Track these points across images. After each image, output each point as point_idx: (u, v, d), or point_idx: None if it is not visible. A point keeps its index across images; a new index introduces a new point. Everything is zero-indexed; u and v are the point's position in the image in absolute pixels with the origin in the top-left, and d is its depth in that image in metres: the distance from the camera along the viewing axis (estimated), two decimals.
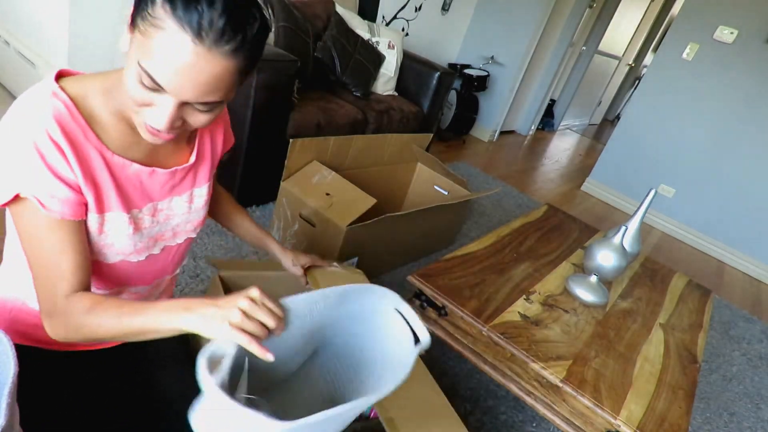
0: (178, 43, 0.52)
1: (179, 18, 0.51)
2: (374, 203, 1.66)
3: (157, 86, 0.55)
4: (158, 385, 0.84)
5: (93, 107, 0.61)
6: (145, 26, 0.53)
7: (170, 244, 0.78)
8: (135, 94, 0.56)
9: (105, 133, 0.62)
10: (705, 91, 3.32)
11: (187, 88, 0.55)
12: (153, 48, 0.53)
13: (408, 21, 3.48)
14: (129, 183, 0.66)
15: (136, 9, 0.55)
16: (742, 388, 1.99)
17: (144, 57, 0.54)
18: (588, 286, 1.43)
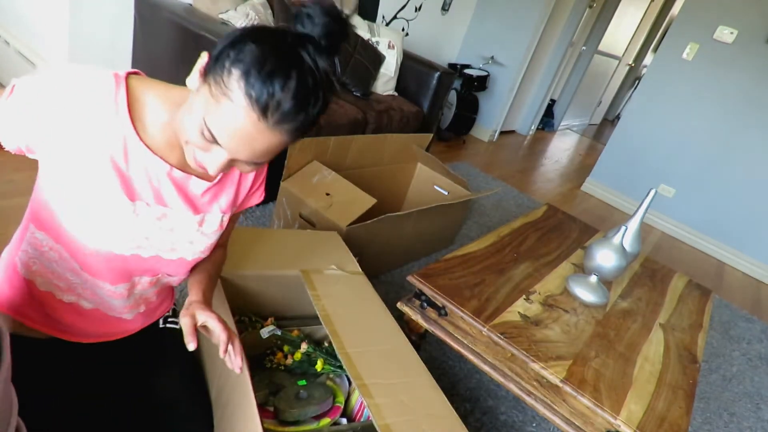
0: (243, 117, 0.56)
1: (250, 96, 0.55)
2: (374, 203, 1.66)
3: (215, 142, 0.59)
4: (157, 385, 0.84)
5: (145, 104, 0.65)
6: (217, 90, 0.56)
7: (162, 256, 0.75)
8: (192, 138, 0.60)
9: (143, 128, 0.65)
10: (705, 91, 3.32)
11: (242, 152, 0.59)
12: (220, 112, 0.57)
13: (408, 21, 3.47)
14: (141, 173, 0.67)
15: (211, 65, 0.58)
16: (742, 388, 1.99)
17: (209, 115, 0.58)
18: (588, 286, 1.43)
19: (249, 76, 0.55)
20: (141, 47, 2.09)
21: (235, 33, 0.58)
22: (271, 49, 0.56)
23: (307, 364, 1.09)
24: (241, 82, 0.55)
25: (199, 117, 0.58)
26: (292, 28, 0.59)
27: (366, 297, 1.17)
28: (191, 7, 2.05)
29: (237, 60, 0.55)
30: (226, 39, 0.58)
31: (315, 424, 0.98)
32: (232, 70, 0.55)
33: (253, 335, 1.08)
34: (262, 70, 0.55)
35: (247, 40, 0.56)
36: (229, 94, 0.56)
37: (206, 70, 0.59)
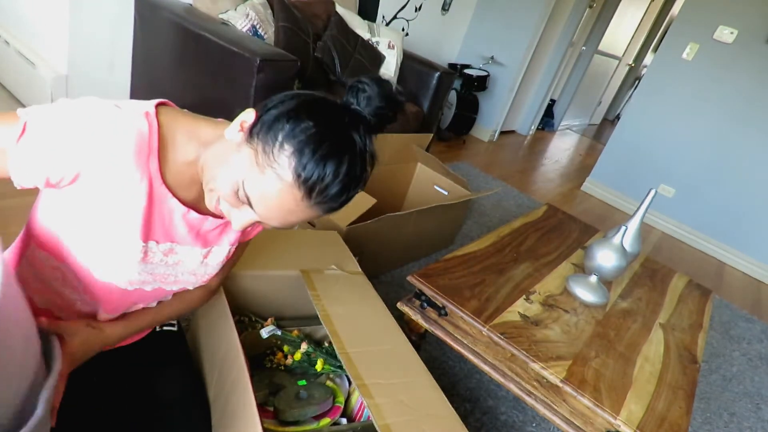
0: (287, 193, 0.56)
1: (299, 176, 0.55)
2: (374, 203, 1.66)
3: (248, 205, 0.59)
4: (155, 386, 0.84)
5: (174, 140, 0.63)
6: (264, 160, 0.56)
7: (164, 288, 0.75)
8: (224, 192, 0.60)
9: (167, 166, 0.63)
10: (705, 91, 3.32)
11: (274, 220, 0.60)
12: (263, 182, 0.56)
13: (408, 21, 3.48)
14: (160, 215, 0.66)
15: (260, 129, 0.57)
16: (742, 388, 1.99)
17: (250, 181, 0.57)
18: (588, 286, 1.42)
19: (302, 156, 0.54)
20: (141, 47, 2.09)
21: (292, 102, 0.58)
22: (327, 129, 0.56)
23: (307, 364, 1.09)
24: (292, 160, 0.55)
25: (237, 176, 0.58)
26: (347, 103, 0.60)
27: (366, 297, 1.17)
28: (191, 7, 2.05)
29: (291, 135, 0.55)
30: (281, 105, 0.58)
31: (315, 424, 0.98)
32: (285, 146, 0.55)
33: (253, 335, 1.08)
34: (317, 153, 0.54)
35: (303, 114, 0.56)
36: (277, 169, 0.55)
37: (252, 131, 0.58)
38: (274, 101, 0.59)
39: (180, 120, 0.64)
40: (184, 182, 0.66)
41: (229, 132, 0.60)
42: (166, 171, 0.63)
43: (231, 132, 0.60)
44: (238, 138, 0.60)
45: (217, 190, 0.61)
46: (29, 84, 2.11)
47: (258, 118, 0.59)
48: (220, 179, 0.60)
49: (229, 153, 0.60)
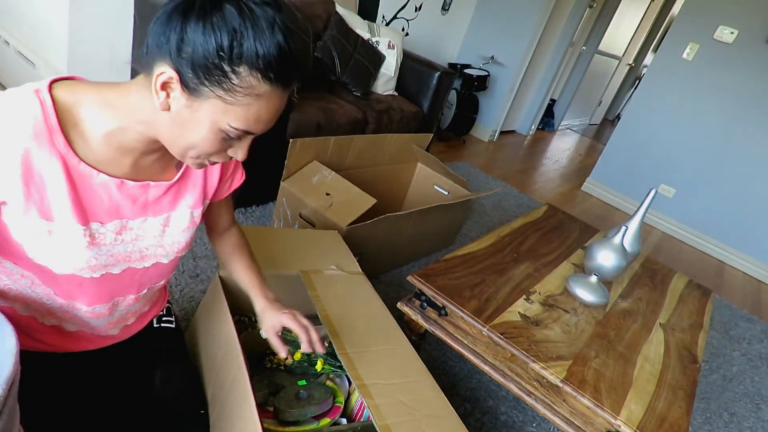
0: (274, 99, 0.57)
1: (273, 82, 0.55)
2: (374, 203, 1.66)
3: (245, 135, 0.60)
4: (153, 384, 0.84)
5: (79, 116, 0.58)
6: (234, 96, 0.55)
7: (135, 267, 0.73)
8: (209, 148, 0.59)
9: (83, 142, 0.59)
10: (705, 91, 3.32)
11: (269, 125, 0.61)
12: (249, 110, 0.56)
13: (408, 21, 3.47)
14: (93, 194, 0.63)
15: (196, 78, 0.54)
16: (742, 388, 1.99)
17: (234, 119, 0.56)
18: (588, 286, 1.42)
19: (260, 63, 0.53)
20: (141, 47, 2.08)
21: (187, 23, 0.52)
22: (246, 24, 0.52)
23: (307, 364, 1.08)
24: (258, 75, 0.54)
25: (215, 128, 0.57)
26: None
27: (366, 297, 1.17)
28: None
29: (234, 57, 0.53)
30: (189, 39, 0.52)
31: (315, 424, 0.98)
32: (236, 70, 0.53)
33: (253, 335, 1.08)
34: (267, 55, 0.53)
35: (216, 29, 0.52)
36: (253, 92, 0.55)
37: (189, 86, 0.55)
38: (165, 37, 0.54)
39: (79, 91, 0.59)
40: (110, 155, 0.62)
41: (159, 103, 0.56)
42: (81, 147, 0.59)
43: (159, 102, 0.56)
44: (177, 102, 0.56)
45: (203, 152, 0.60)
46: None
47: (179, 69, 0.54)
48: (198, 143, 0.58)
49: (181, 117, 0.57)
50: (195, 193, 0.75)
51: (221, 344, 0.93)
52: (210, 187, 0.78)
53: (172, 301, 1.41)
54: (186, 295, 1.46)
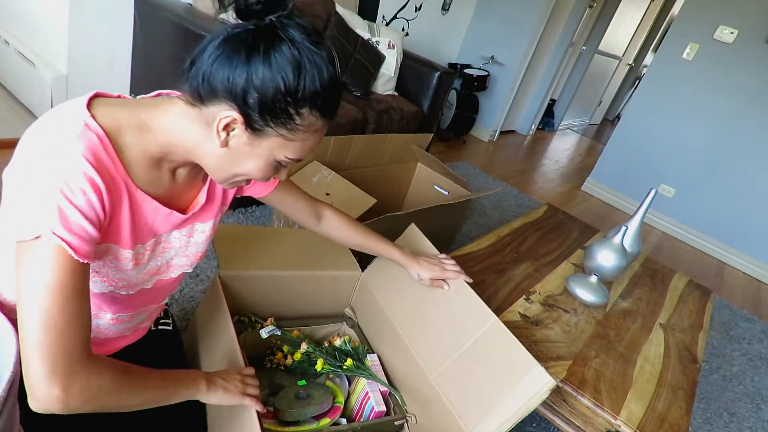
0: (324, 130, 0.63)
1: (327, 116, 0.61)
2: (374, 203, 1.66)
3: (295, 162, 0.65)
4: None
5: (124, 142, 0.58)
6: (295, 134, 0.59)
7: (163, 278, 0.75)
8: (261, 175, 0.64)
9: (131, 167, 0.60)
10: (705, 91, 3.32)
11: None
12: (304, 144, 0.61)
13: (408, 21, 3.48)
14: (143, 219, 0.64)
15: (261, 118, 0.57)
16: (742, 388, 1.99)
17: (289, 151, 0.61)
18: (588, 286, 1.42)
19: (318, 106, 0.58)
20: (141, 47, 2.09)
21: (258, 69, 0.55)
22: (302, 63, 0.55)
23: (307, 364, 1.08)
24: (316, 113, 0.59)
25: (269, 159, 0.61)
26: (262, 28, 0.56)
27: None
28: (191, 7, 2.05)
29: (300, 102, 0.57)
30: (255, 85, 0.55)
31: (315, 424, 0.98)
32: (300, 112, 0.58)
33: (253, 335, 1.08)
34: (323, 93, 0.58)
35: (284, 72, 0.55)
36: (311, 128, 0.60)
37: (254, 127, 0.57)
38: (229, 81, 0.55)
39: (118, 116, 0.59)
40: (152, 177, 0.63)
41: (219, 142, 0.59)
42: (132, 172, 0.60)
43: (220, 141, 0.59)
44: (237, 140, 0.59)
45: (250, 178, 0.65)
46: (29, 84, 2.11)
47: (246, 113, 0.56)
48: (250, 172, 0.63)
49: (238, 152, 0.60)
50: (216, 206, 0.77)
51: (221, 344, 0.93)
52: (226, 198, 0.80)
53: (172, 301, 1.41)
54: (186, 295, 1.46)
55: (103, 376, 0.54)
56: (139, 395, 0.60)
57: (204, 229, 0.76)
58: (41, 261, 0.51)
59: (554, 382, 0.82)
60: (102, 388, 0.54)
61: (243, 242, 1.17)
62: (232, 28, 0.57)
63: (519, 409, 0.83)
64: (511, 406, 0.84)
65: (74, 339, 0.52)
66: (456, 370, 0.95)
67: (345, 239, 1.03)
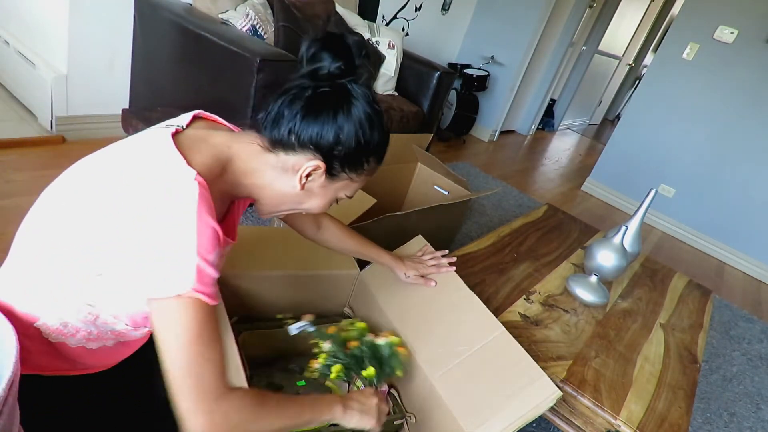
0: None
1: (381, 162, 0.75)
2: (374, 203, 1.66)
3: None
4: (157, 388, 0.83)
5: (213, 190, 0.63)
6: (358, 176, 0.72)
7: None
8: (321, 210, 0.75)
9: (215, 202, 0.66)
10: (705, 91, 3.32)
11: None
12: (362, 185, 0.75)
13: (408, 21, 3.48)
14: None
15: (341, 168, 0.69)
16: (742, 388, 1.99)
17: (348, 190, 0.74)
18: (588, 286, 1.42)
19: (379, 154, 0.73)
20: (141, 47, 2.09)
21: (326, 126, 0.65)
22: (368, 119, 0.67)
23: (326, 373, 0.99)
24: (375, 161, 0.73)
25: (332, 198, 0.73)
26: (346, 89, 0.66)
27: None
28: (191, 7, 2.05)
29: (370, 151, 0.69)
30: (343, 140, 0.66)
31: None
32: (370, 160, 0.71)
33: (254, 335, 1.08)
34: (382, 144, 0.72)
35: (361, 130, 0.66)
36: (370, 172, 0.73)
37: (331, 173, 0.68)
38: (319, 136, 0.65)
39: (210, 166, 0.64)
40: (217, 210, 0.66)
41: (299, 186, 0.68)
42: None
43: (300, 185, 0.68)
44: (313, 183, 0.69)
45: (306, 212, 0.75)
46: (29, 84, 2.11)
47: (329, 162, 0.67)
48: (312, 208, 0.74)
49: (310, 192, 0.71)
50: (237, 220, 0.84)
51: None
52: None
53: None
54: None
55: (242, 410, 0.60)
56: (276, 422, 0.64)
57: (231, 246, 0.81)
58: (183, 315, 0.57)
59: (560, 393, 0.82)
60: (241, 419, 0.60)
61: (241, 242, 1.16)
62: (311, 89, 0.65)
63: (522, 417, 0.83)
64: (514, 413, 0.84)
65: (212, 378, 0.58)
66: (458, 373, 0.95)
67: (342, 246, 1.07)
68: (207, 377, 0.57)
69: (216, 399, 0.58)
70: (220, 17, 2.01)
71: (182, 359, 0.57)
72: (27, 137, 2.00)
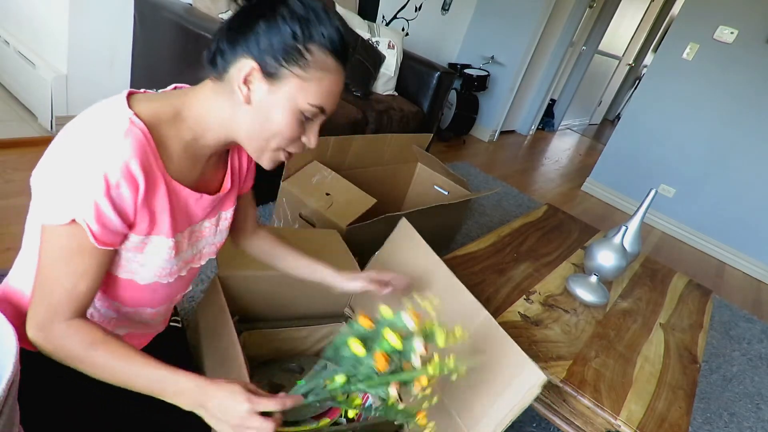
0: (339, 75, 0.64)
1: (337, 57, 0.63)
2: (374, 203, 1.66)
3: (321, 114, 0.65)
4: None
5: (162, 135, 0.62)
6: (308, 73, 0.61)
7: (195, 266, 0.79)
8: (291, 132, 0.64)
9: (169, 159, 0.63)
10: (705, 91, 3.32)
11: (336, 102, 0.66)
12: (322, 86, 0.62)
13: (408, 21, 3.48)
14: (180, 208, 0.67)
15: (277, 62, 0.60)
16: (742, 388, 1.99)
17: (310, 96, 0.62)
18: (588, 286, 1.42)
19: (324, 43, 0.61)
20: (141, 47, 2.08)
21: (250, 27, 0.60)
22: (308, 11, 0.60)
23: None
24: (325, 51, 0.61)
25: (294, 109, 0.62)
26: None
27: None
28: (191, 7, 2.05)
29: (306, 39, 0.60)
30: (269, 28, 0.60)
31: (315, 424, 0.98)
32: (309, 48, 0.60)
33: (256, 336, 1.08)
34: (330, 35, 0.61)
35: (287, 15, 0.59)
36: (324, 67, 0.62)
37: (270, 72, 0.60)
38: (244, 38, 0.60)
39: (158, 110, 0.62)
40: (187, 167, 0.67)
41: (242, 96, 0.62)
42: (169, 165, 0.63)
43: (243, 95, 0.62)
44: (258, 92, 0.62)
45: (284, 140, 0.65)
46: (29, 84, 2.11)
47: (261, 59, 0.60)
48: (280, 129, 0.63)
49: (262, 105, 0.62)
50: (235, 192, 0.81)
51: (221, 344, 0.93)
52: (240, 183, 0.83)
53: None
54: (186, 294, 1.46)
55: (74, 342, 0.60)
56: (104, 373, 0.61)
57: (227, 216, 0.80)
58: (57, 239, 0.57)
59: (545, 377, 0.80)
60: (70, 349, 0.60)
61: None
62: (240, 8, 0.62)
63: (513, 408, 0.83)
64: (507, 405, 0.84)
65: (59, 301, 0.59)
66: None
67: (267, 253, 0.97)
68: (54, 298, 0.59)
69: (52, 320, 0.59)
70: (220, 17, 2.01)
71: (43, 275, 0.59)
72: (27, 137, 2.00)
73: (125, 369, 0.61)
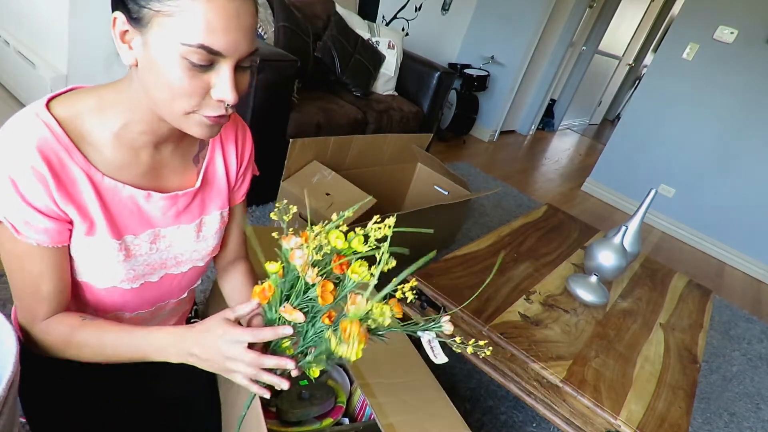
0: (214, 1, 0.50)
1: None
2: (374, 203, 1.66)
3: (213, 55, 0.51)
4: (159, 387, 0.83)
5: (85, 128, 0.58)
6: (170, 7, 0.49)
7: (172, 273, 0.73)
8: (186, 84, 0.52)
9: (97, 153, 0.59)
10: (705, 91, 3.32)
11: (240, 39, 0.52)
12: (195, 18, 0.49)
13: (408, 21, 3.48)
14: (123, 207, 0.63)
15: (136, 7, 0.51)
16: (742, 388, 1.99)
17: (188, 35, 0.50)
18: (588, 286, 1.43)
19: None
20: None
21: None
22: None
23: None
24: None
25: (172, 56, 0.51)
26: None
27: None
28: None
29: None
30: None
31: (317, 424, 0.98)
32: None
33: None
34: None
35: None
36: None
37: (136, 19, 0.51)
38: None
39: (76, 102, 0.59)
40: (125, 158, 0.61)
41: (126, 58, 0.54)
42: (99, 160, 0.59)
43: (127, 56, 0.54)
44: (138, 48, 0.53)
45: (186, 100, 0.54)
46: (29, 84, 2.11)
47: (125, 6, 0.52)
48: (175, 86, 0.52)
49: (147, 62, 0.53)
50: (222, 193, 0.75)
51: None
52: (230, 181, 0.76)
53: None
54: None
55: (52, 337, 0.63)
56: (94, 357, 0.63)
57: (212, 221, 0.74)
58: (6, 242, 0.58)
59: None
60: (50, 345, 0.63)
61: None
62: None
63: None
64: None
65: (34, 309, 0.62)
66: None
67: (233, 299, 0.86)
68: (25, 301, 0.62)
69: (31, 323, 0.63)
70: None
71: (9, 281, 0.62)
72: None
73: (105, 345, 0.62)
